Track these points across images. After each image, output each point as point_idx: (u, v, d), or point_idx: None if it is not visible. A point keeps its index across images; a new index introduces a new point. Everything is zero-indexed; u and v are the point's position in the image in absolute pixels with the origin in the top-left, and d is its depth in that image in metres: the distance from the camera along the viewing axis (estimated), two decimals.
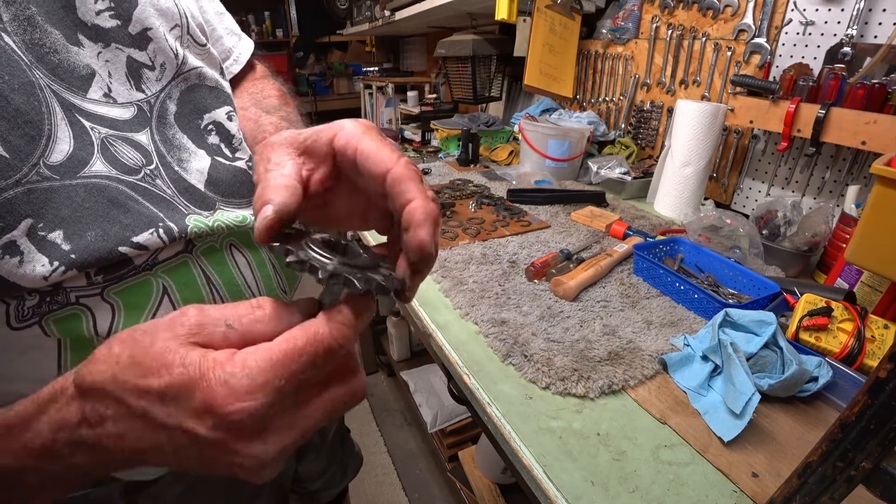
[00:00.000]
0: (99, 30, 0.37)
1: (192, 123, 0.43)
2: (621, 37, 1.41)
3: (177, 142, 0.41)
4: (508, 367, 0.59)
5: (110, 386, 0.24)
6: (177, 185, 0.40)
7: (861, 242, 0.59)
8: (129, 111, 0.39)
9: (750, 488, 0.44)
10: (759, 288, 0.72)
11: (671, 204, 1.11)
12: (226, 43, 0.54)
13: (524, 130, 1.36)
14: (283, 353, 0.23)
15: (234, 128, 0.46)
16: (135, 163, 0.37)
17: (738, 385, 0.50)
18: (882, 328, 0.58)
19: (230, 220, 0.42)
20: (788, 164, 1.03)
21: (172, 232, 0.37)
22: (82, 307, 0.34)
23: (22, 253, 0.31)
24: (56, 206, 0.32)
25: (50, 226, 0.32)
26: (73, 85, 0.35)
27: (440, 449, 1.62)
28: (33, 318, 0.32)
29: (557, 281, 0.74)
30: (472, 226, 1.00)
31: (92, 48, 0.37)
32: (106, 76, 0.38)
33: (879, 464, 0.30)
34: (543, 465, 0.46)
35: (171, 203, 0.39)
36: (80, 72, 0.36)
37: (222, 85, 0.47)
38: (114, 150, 0.36)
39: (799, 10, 0.95)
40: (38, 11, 0.34)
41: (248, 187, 0.45)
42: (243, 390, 0.22)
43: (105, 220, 0.34)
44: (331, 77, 4.57)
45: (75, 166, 0.34)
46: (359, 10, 2.95)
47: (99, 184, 0.35)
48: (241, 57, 0.56)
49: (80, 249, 0.33)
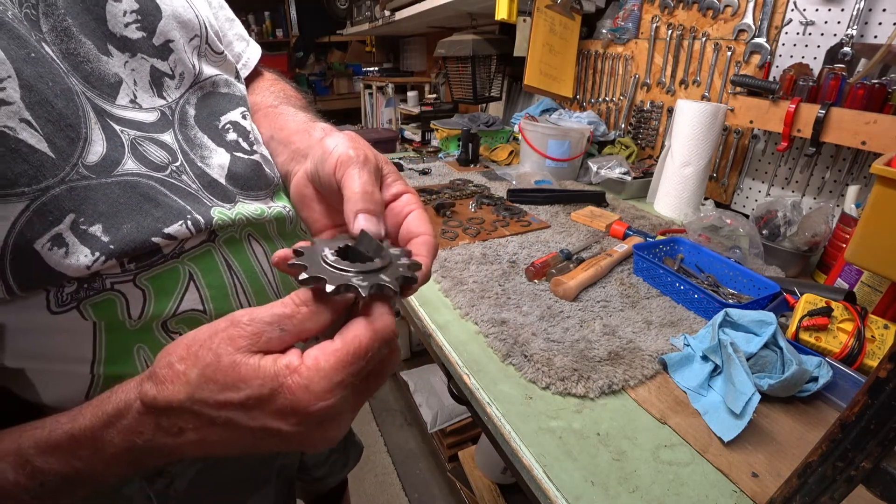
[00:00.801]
0: (126, 41, 0.40)
1: (210, 124, 0.46)
2: (621, 37, 1.41)
3: (198, 141, 0.44)
4: (508, 367, 0.59)
5: (187, 404, 0.26)
6: (201, 179, 0.43)
7: (861, 242, 0.59)
8: (153, 115, 0.42)
9: (750, 488, 0.44)
10: (759, 288, 0.72)
11: (671, 204, 1.11)
12: (235, 48, 0.57)
13: (524, 130, 1.36)
14: (352, 355, 0.26)
15: (248, 125, 0.49)
16: (162, 160, 0.40)
17: (738, 385, 0.50)
18: (882, 328, 0.58)
19: (249, 212, 0.45)
20: (788, 164, 1.03)
21: (199, 223, 0.40)
22: (117, 293, 0.36)
23: (67, 245, 0.33)
24: (94, 202, 0.35)
25: (90, 220, 0.35)
26: (103, 92, 0.38)
27: (440, 449, 1.62)
28: (72, 303, 0.35)
29: (557, 281, 0.74)
30: (472, 226, 1.00)
31: (120, 58, 0.40)
32: (132, 84, 0.41)
33: (879, 464, 0.30)
34: (543, 465, 0.46)
35: (197, 196, 0.41)
36: (109, 80, 0.39)
37: (236, 88, 0.50)
38: (142, 150, 0.39)
39: (799, 10, 0.95)
40: (73, 23, 0.37)
41: (265, 180, 0.48)
42: (322, 391, 0.25)
43: (139, 213, 0.37)
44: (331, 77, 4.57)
45: (109, 166, 0.37)
46: (359, 10, 2.95)
47: (131, 181, 0.37)
48: (249, 62, 0.59)
49: (118, 240, 0.35)
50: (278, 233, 0.49)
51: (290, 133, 0.47)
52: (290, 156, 0.45)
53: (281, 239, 0.49)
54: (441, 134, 1.78)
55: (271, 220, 0.47)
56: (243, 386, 0.25)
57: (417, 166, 1.50)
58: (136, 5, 0.41)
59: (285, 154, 0.47)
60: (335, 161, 0.35)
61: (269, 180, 0.48)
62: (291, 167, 0.44)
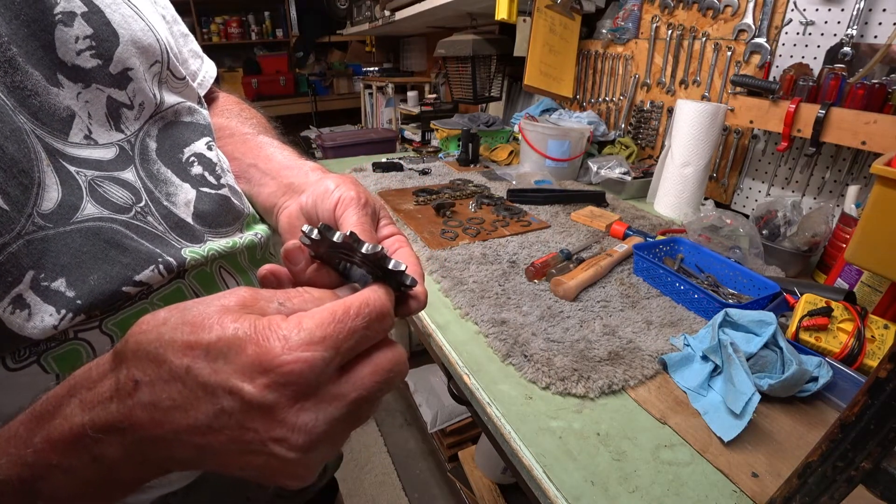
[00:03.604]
0: (79, 70, 0.36)
1: (174, 158, 0.43)
2: (621, 37, 1.41)
3: (162, 176, 0.41)
4: (508, 367, 0.59)
5: (153, 345, 0.23)
6: (167, 220, 0.40)
7: (861, 242, 0.59)
8: (112, 151, 0.38)
9: (750, 488, 0.44)
10: (759, 288, 0.72)
11: (671, 204, 1.11)
12: (191, 66, 0.54)
13: (524, 130, 1.36)
14: (342, 310, 0.23)
15: (214, 156, 0.46)
16: (125, 201, 0.37)
17: (738, 385, 0.50)
18: (882, 328, 0.58)
19: (221, 246, 0.42)
20: (788, 164, 1.03)
21: (171, 265, 0.37)
22: (82, 342, 0.34)
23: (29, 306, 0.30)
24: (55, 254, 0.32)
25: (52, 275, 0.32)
26: (54, 129, 0.35)
27: (440, 449, 1.62)
28: (31, 357, 0.32)
29: (557, 281, 0.74)
30: (472, 226, 1.00)
31: (72, 89, 0.36)
32: (86, 117, 0.37)
33: (879, 464, 0.30)
34: (543, 465, 0.46)
35: (164, 239, 0.39)
36: (60, 114, 0.35)
37: (199, 115, 0.47)
38: (102, 191, 0.36)
39: (799, 10, 0.95)
40: (18, 52, 0.33)
41: (234, 214, 0.46)
42: (301, 342, 0.22)
43: (105, 261, 0.34)
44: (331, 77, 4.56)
45: (67, 212, 0.33)
46: (359, 10, 2.95)
47: (93, 227, 0.34)
48: (205, 80, 0.55)
49: (86, 294, 0.33)
50: (249, 262, 0.47)
51: (280, 167, 0.47)
52: (282, 189, 0.45)
53: (252, 269, 0.47)
54: (441, 134, 1.78)
55: (243, 250, 0.45)
56: (216, 328, 0.22)
57: (417, 166, 1.50)
58: (90, 30, 0.37)
59: (273, 186, 0.46)
60: (336, 200, 0.35)
61: (238, 213, 0.46)
62: (282, 200, 0.44)
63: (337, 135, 2.24)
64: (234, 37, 4.28)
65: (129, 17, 0.40)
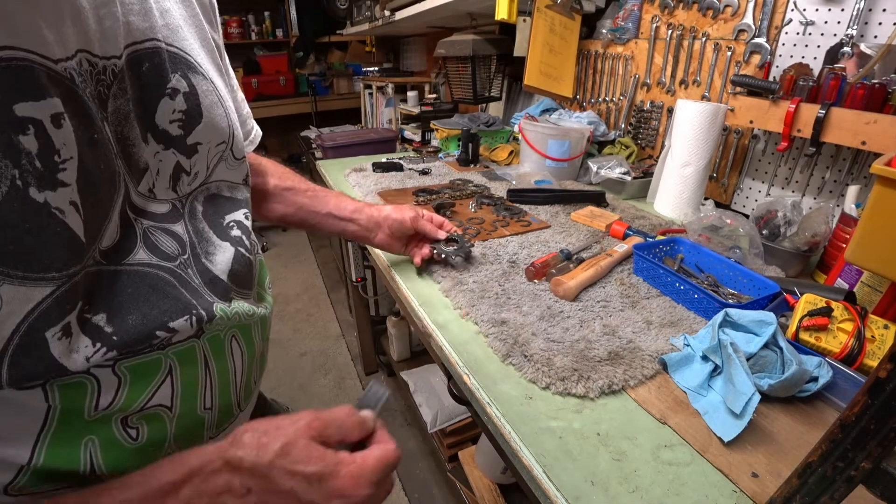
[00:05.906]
0: (166, 135, 0.42)
1: (216, 221, 0.48)
2: (621, 37, 1.41)
3: (205, 235, 0.46)
4: (508, 367, 0.59)
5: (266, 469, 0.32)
6: (203, 276, 0.44)
7: (861, 242, 0.59)
8: (166, 206, 0.43)
9: (750, 488, 0.44)
10: (759, 288, 0.72)
11: (671, 204, 1.11)
12: (248, 125, 0.62)
13: (524, 130, 1.36)
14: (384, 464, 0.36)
15: (249, 225, 0.52)
16: (173, 251, 0.41)
17: (738, 385, 0.50)
18: (882, 328, 0.58)
19: (243, 310, 0.47)
20: (788, 164, 1.03)
21: (203, 318, 0.41)
22: (91, 377, 0.34)
23: (71, 335, 0.32)
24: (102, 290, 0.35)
25: (95, 309, 0.34)
26: (133, 176, 0.39)
27: (440, 449, 1.62)
28: (39, 379, 0.32)
29: (557, 281, 0.74)
30: (472, 226, 1.00)
31: (154, 147, 0.41)
32: (155, 174, 0.42)
33: (879, 464, 0.30)
34: (543, 465, 0.46)
35: (199, 292, 0.42)
36: (140, 165, 0.40)
37: (240, 192, 0.53)
38: (154, 239, 0.40)
39: (799, 10, 0.95)
40: (133, 110, 0.38)
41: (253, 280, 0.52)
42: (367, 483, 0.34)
43: (146, 304, 0.37)
44: (331, 77, 4.56)
45: (121, 254, 0.37)
46: (359, 10, 2.94)
47: (141, 271, 0.38)
48: (256, 138, 0.64)
49: (123, 332, 0.35)
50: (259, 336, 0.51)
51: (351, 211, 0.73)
52: (365, 225, 0.74)
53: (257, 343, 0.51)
54: (441, 134, 1.78)
55: (257, 321, 0.50)
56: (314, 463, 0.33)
57: (417, 166, 1.50)
58: (185, 106, 0.43)
59: (353, 227, 0.73)
60: (409, 220, 0.74)
61: (254, 279, 0.52)
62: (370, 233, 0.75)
63: (337, 135, 2.23)
64: (234, 37, 4.27)
65: (213, 104, 0.46)
